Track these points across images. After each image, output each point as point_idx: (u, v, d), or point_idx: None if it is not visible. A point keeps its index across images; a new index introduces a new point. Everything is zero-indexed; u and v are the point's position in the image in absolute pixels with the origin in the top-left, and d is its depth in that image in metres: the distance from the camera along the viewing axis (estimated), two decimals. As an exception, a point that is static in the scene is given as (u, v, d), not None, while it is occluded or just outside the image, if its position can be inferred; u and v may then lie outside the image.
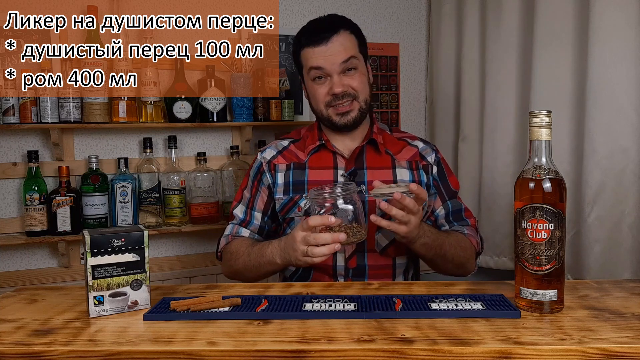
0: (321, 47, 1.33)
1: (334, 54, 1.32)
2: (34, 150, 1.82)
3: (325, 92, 1.35)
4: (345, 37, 1.35)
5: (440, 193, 1.42)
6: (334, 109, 1.36)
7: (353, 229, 1.13)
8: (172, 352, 0.81)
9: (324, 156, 1.41)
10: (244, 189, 1.48)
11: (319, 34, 1.34)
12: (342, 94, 1.33)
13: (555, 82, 1.69)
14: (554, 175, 0.93)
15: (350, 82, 1.34)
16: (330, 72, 1.33)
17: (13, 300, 1.08)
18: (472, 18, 2.09)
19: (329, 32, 1.33)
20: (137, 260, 0.98)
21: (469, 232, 1.37)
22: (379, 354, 0.79)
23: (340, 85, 1.33)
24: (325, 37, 1.33)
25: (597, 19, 1.53)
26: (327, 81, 1.35)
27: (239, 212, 1.45)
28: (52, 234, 1.82)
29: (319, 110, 1.39)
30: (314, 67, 1.34)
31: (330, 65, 1.33)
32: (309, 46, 1.35)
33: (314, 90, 1.37)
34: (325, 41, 1.33)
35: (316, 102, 1.38)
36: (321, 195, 1.14)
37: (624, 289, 1.07)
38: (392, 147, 1.42)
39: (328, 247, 1.09)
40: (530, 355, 0.79)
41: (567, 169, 1.66)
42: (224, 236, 1.44)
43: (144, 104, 1.89)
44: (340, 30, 1.34)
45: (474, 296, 1.01)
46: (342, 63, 1.33)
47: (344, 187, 1.15)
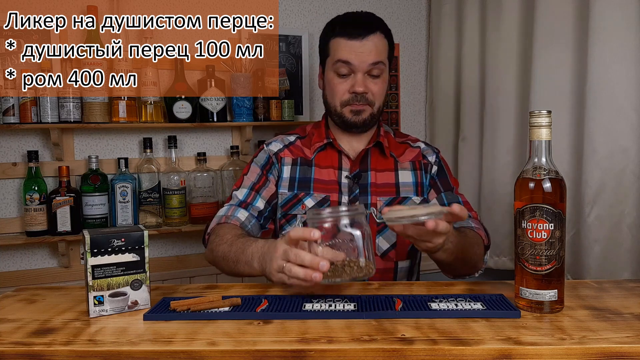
0: (355, 41, 1.31)
1: (366, 53, 1.30)
2: (34, 150, 1.82)
3: (346, 90, 1.33)
4: (381, 39, 1.33)
5: (436, 186, 1.39)
6: (349, 107, 1.34)
7: (358, 262, 0.95)
8: (172, 352, 0.81)
9: (330, 155, 1.40)
10: (246, 174, 1.42)
11: (357, 28, 1.31)
12: (361, 95, 1.32)
13: (555, 82, 1.69)
14: (554, 175, 0.93)
15: (372, 87, 1.33)
16: (357, 69, 1.31)
17: (13, 300, 1.08)
18: (472, 18, 2.09)
19: (367, 30, 1.31)
20: (137, 260, 0.98)
21: (475, 225, 1.31)
22: (379, 354, 0.79)
23: (363, 86, 1.31)
24: (362, 33, 1.30)
25: (597, 19, 1.53)
26: (349, 78, 1.33)
27: (240, 194, 1.38)
28: (52, 234, 1.82)
29: (334, 106, 1.36)
30: (343, 60, 1.31)
31: (360, 63, 1.30)
32: (343, 37, 1.32)
33: (334, 84, 1.34)
34: (361, 37, 1.30)
35: (333, 96, 1.36)
36: (320, 215, 0.95)
37: (624, 289, 1.07)
38: (395, 150, 1.42)
39: (305, 271, 0.91)
40: (530, 355, 0.79)
41: (567, 169, 1.66)
42: (216, 216, 1.35)
43: (144, 104, 1.89)
44: (377, 31, 1.33)
45: (474, 296, 1.01)
46: (370, 64, 1.31)
47: (350, 208, 0.96)
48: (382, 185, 1.36)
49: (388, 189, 1.36)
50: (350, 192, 1.35)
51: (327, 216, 0.94)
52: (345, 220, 0.94)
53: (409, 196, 1.36)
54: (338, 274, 0.93)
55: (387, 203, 1.34)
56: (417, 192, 1.37)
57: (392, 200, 1.35)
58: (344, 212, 0.94)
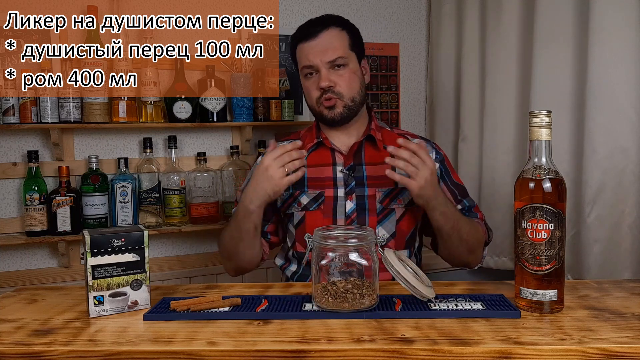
0: (310, 41, 1.37)
1: (322, 48, 1.35)
2: (34, 150, 1.82)
3: (314, 88, 1.37)
4: (335, 33, 1.37)
5: (449, 195, 1.42)
6: (321, 104, 1.38)
7: (362, 289, 0.95)
8: (172, 352, 0.81)
9: (322, 153, 1.42)
10: (245, 185, 1.47)
11: (309, 28, 1.38)
12: (327, 88, 1.35)
13: (555, 82, 1.69)
14: (554, 175, 0.93)
15: (336, 80, 1.35)
16: (318, 66, 1.35)
17: (13, 300, 1.08)
18: (472, 18, 2.09)
19: (319, 27, 1.37)
20: (137, 260, 0.98)
21: (478, 221, 1.41)
22: (379, 354, 0.79)
23: (327, 80, 1.35)
24: (314, 31, 1.36)
25: (597, 19, 1.53)
26: (316, 76, 1.37)
27: None
28: (52, 234, 1.82)
29: (312, 106, 1.41)
30: (305, 65, 1.37)
31: (318, 61, 1.35)
32: (301, 41, 1.38)
33: (306, 87, 1.41)
34: (314, 36, 1.36)
35: (309, 97, 1.41)
36: (326, 241, 0.95)
37: (624, 289, 1.07)
38: (391, 143, 1.43)
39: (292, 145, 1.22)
40: (530, 355, 0.79)
41: (567, 169, 1.66)
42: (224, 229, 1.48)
43: (144, 104, 1.89)
44: (330, 27, 1.37)
45: (474, 296, 1.01)
46: (328, 59, 1.34)
47: (360, 235, 0.96)
48: (378, 177, 1.38)
49: (385, 179, 1.37)
50: (346, 185, 1.37)
51: (335, 245, 0.96)
52: (355, 251, 0.96)
53: None
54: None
55: (386, 194, 1.36)
56: None
57: (390, 191, 1.36)
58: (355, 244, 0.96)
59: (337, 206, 1.36)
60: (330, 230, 0.99)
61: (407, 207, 1.37)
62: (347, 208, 1.36)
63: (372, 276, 0.96)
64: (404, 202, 1.37)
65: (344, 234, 0.99)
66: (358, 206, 1.36)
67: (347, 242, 0.96)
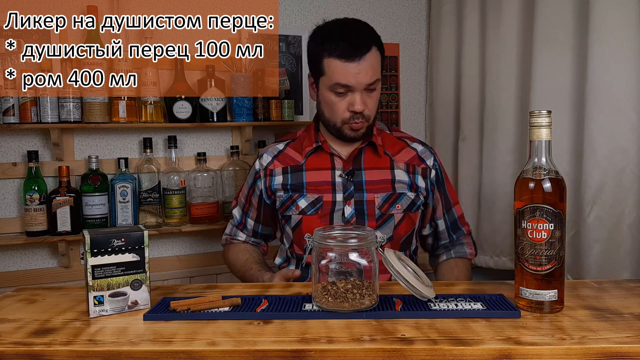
0: (353, 64, 1.27)
1: (363, 73, 1.28)
2: (34, 150, 1.82)
3: (345, 108, 1.32)
4: (376, 56, 1.31)
5: (440, 204, 1.45)
6: (348, 125, 1.34)
7: (362, 289, 0.95)
8: (172, 352, 0.81)
9: (321, 158, 1.41)
10: (242, 189, 1.53)
11: (352, 48, 1.27)
12: (360, 113, 1.32)
13: (555, 82, 1.69)
14: (554, 175, 0.93)
15: (369, 103, 1.32)
16: (355, 88, 1.30)
17: (13, 300, 1.08)
18: (472, 18, 2.09)
19: (362, 49, 1.28)
20: (137, 260, 0.98)
21: (467, 242, 1.48)
22: (379, 354, 0.79)
23: (362, 104, 1.30)
24: (358, 54, 1.27)
25: (597, 19, 1.53)
26: (347, 96, 1.31)
27: (237, 214, 1.53)
28: (52, 234, 1.82)
29: (333, 122, 1.36)
30: (340, 83, 1.29)
31: (358, 84, 1.29)
32: (338, 58, 1.28)
33: (333, 103, 1.33)
34: (357, 58, 1.27)
35: (332, 113, 1.35)
36: (326, 241, 0.95)
37: (624, 289, 1.07)
38: (391, 148, 1.43)
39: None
40: (530, 355, 0.79)
41: (567, 169, 1.66)
42: (225, 233, 1.56)
43: (144, 104, 1.89)
44: (372, 48, 1.30)
45: (474, 296, 1.01)
46: (367, 82, 1.29)
47: (360, 235, 0.96)
48: (377, 182, 1.37)
49: (384, 185, 1.38)
50: (345, 190, 1.37)
51: (335, 244, 0.96)
52: (354, 251, 0.96)
53: (404, 192, 1.38)
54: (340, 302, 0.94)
55: (384, 199, 1.36)
56: (411, 190, 1.39)
57: (389, 196, 1.36)
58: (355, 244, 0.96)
59: (334, 211, 1.36)
60: (330, 231, 0.99)
61: (405, 212, 1.37)
62: (346, 213, 1.36)
63: (372, 276, 0.96)
64: (402, 207, 1.37)
65: (344, 234, 0.98)
66: (357, 211, 1.36)
67: (347, 242, 0.96)
